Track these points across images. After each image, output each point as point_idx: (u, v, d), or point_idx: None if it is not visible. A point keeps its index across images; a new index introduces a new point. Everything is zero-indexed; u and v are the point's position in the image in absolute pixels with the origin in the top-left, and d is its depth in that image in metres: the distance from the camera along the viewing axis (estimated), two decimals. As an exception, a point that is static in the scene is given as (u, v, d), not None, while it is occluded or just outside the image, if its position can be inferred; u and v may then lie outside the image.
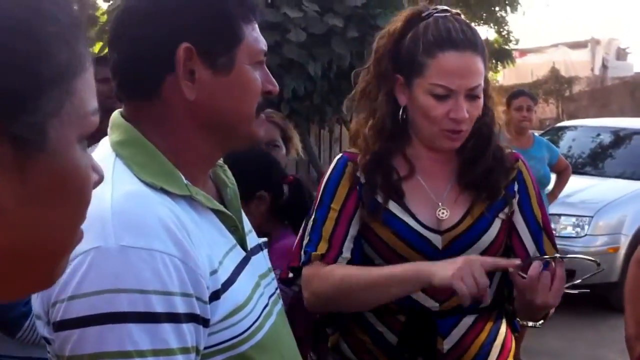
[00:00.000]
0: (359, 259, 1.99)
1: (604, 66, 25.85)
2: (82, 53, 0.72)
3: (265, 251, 1.47)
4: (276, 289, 1.45)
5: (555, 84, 22.57)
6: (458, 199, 1.99)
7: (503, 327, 2.07)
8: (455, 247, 1.94)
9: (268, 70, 1.34)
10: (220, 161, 1.42)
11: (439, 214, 1.96)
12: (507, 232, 2.02)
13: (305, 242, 2.02)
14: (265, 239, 1.51)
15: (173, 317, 1.08)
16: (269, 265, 1.46)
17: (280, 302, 1.45)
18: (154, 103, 1.24)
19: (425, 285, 1.81)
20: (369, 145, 2.00)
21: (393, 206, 1.97)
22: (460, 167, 2.02)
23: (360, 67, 2.14)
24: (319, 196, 2.04)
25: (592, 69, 25.31)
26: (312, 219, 2.03)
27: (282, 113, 4.67)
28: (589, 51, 26.28)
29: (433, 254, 1.93)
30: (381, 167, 1.99)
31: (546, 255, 1.97)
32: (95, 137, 1.30)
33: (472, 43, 1.90)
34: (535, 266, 1.78)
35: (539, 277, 1.77)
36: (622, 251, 6.83)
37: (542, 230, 2.05)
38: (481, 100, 1.93)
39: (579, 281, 1.87)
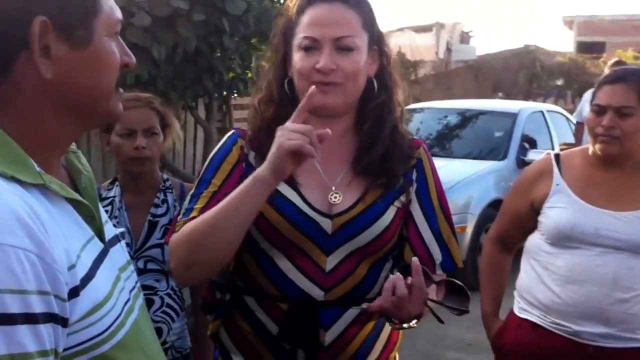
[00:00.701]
0: None
1: (448, 50, 26.69)
2: None
3: (123, 242, 1.38)
4: (136, 282, 1.36)
5: (401, 68, 22.95)
6: (352, 184, 1.93)
7: None
8: (346, 232, 1.88)
9: (123, 42, 1.27)
10: (74, 146, 1.34)
11: (331, 198, 1.90)
12: (402, 220, 1.96)
13: (181, 214, 1.91)
14: (123, 229, 1.43)
15: (30, 318, 0.99)
16: (128, 257, 1.37)
17: (142, 295, 1.36)
18: (5, 84, 1.12)
19: (269, 186, 1.70)
20: (258, 117, 1.96)
21: (283, 187, 1.87)
22: (357, 150, 1.95)
23: (205, 51, 2.09)
24: (202, 172, 1.94)
25: (437, 53, 26.07)
26: (190, 194, 1.93)
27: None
28: (433, 35, 27.05)
29: (322, 238, 1.87)
30: (272, 138, 1.88)
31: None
32: None
33: None
34: (388, 287, 1.72)
35: (394, 292, 1.71)
36: (469, 230, 7.02)
37: (438, 219, 2.01)
38: (356, 55, 1.87)
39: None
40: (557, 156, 2.68)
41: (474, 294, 2.70)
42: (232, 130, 2.02)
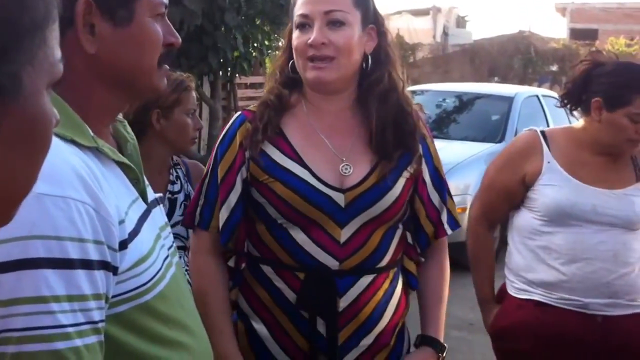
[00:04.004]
0: (241, 218, 2.02)
1: (445, 34, 26.72)
2: (53, 3, 0.77)
3: (161, 206, 1.49)
4: (173, 242, 1.47)
5: (400, 51, 22.92)
6: (362, 155, 2.01)
7: (399, 287, 2.09)
8: (358, 205, 1.96)
9: (169, 23, 1.36)
10: (120, 116, 1.43)
11: (342, 169, 1.97)
12: (412, 188, 2.06)
13: (201, 202, 2.05)
14: (160, 194, 1.53)
15: (87, 264, 1.09)
16: (166, 219, 1.49)
17: (177, 254, 1.49)
18: None
19: None
20: (270, 92, 2.06)
21: (292, 165, 1.97)
22: (364, 121, 2.03)
23: (209, 28, 2.21)
24: (213, 156, 2.06)
25: (434, 36, 26.11)
26: (206, 182, 2.05)
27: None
28: (430, 19, 27.08)
29: (335, 211, 1.95)
30: (281, 110, 2.02)
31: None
32: None
33: None
34: None
35: None
36: (469, 211, 7.08)
37: (444, 184, 2.13)
38: (348, 30, 1.95)
39: None
40: (542, 133, 2.69)
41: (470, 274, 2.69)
42: (239, 112, 2.10)
